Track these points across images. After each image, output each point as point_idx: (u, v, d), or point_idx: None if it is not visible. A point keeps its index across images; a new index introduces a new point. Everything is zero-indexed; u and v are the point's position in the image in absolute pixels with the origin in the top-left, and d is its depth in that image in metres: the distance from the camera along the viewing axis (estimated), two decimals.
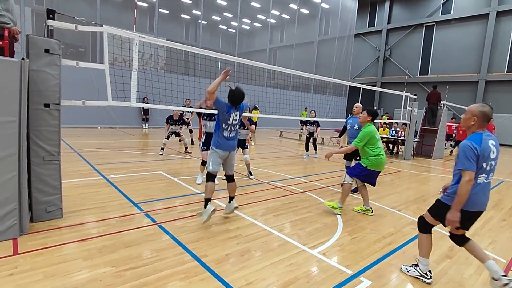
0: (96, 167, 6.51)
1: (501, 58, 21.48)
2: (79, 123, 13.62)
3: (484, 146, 2.51)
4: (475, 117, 2.57)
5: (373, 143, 4.46)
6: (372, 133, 4.44)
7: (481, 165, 2.52)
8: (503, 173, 9.56)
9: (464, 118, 2.66)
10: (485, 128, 2.62)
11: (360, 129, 5.78)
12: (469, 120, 2.61)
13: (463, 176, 2.48)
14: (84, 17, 4.50)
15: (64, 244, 3.09)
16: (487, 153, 2.52)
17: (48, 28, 3.51)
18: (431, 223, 2.88)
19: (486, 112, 2.55)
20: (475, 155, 2.48)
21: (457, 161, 2.56)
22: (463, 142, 2.57)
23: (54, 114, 3.50)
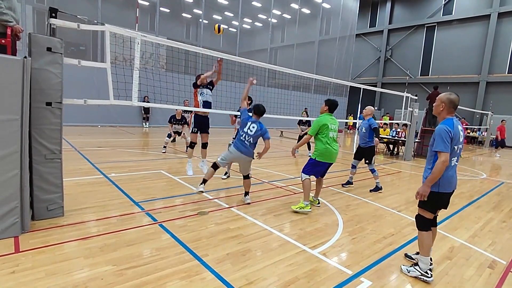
0: (97, 165, 6.52)
1: (502, 59, 21.49)
2: (79, 121, 13.64)
3: (455, 130, 2.74)
4: (443, 103, 2.83)
5: (323, 133, 4.46)
6: (322, 122, 4.48)
7: (453, 147, 2.75)
8: (503, 175, 9.57)
9: (435, 105, 2.92)
10: (453, 114, 2.87)
11: (367, 131, 6.21)
12: (439, 106, 2.88)
13: (440, 157, 2.68)
14: (85, 15, 4.51)
15: (65, 243, 3.10)
16: (457, 136, 2.76)
17: (50, 26, 3.52)
18: (427, 217, 2.95)
19: (453, 99, 2.82)
20: (449, 137, 2.70)
21: (434, 144, 2.75)
22: (439, 126, 2.77)
23: (56, 113, 3.50)
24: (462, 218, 4.92)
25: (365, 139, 6.24)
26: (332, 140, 4.48)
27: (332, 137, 4.48)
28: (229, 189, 5.60)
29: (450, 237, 4.06)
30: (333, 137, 4.51)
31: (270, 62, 23.06)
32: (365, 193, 6.04)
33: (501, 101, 21.42)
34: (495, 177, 9.02)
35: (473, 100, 22.51)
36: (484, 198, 6.36)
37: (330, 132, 4.48)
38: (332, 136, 4.48)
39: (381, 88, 26.07)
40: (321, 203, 5.10)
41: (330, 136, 4.46)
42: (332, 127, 4.50)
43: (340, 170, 8.39)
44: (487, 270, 3.22)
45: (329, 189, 6.15)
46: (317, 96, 24.29)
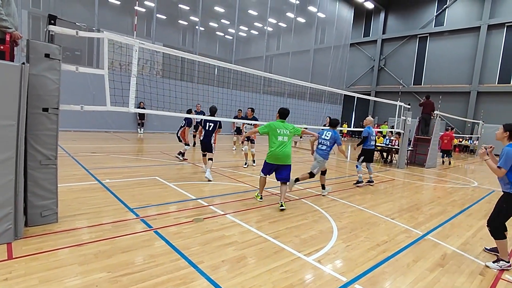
0: (91, 171, 6.48)
1: (492, 70, 22.01)
2: (74, 127, 13.54)
3: None
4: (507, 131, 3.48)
5: (271, 138, 4.96)
6: (271, 126, 4.98)
7: None
8: (494, 183, 9.72)
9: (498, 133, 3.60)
10: None
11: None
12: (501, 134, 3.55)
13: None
14: (82, 20, 4.56)
15: (59, 249, 3.08)
16: None
17: (49, 33, 3.55)
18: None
19: None
20: None
21: None
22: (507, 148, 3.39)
23: (53, 119, 3.51)
24: (454, 226, 4.99)
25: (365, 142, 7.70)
26: (280, 144, 4.86)
27: (280, 141, 4.87)
28: (224, 196, 5.61)
29: (442, 244, 4.12)
30: (282, 140, 4.88)
31: (265, 69, 23.28)
32: (359, 200, 6.10)
33: (491, 110, 21.86)
34: (486, 185, 9.17)
35: (465, 109, 22.94)
36: (476, 206, 6.46)
37: (279, 137, 4.89)
38: (280, 140, 4.87)
39: (375, 96, 26.44)
40: (317, 211, 5.14)
41: (278, 140, 4.87)
42: (281, 132, 4.90)
43: (335, 177, 8.45)
44: (479, 277, 3.27)
45: (326, 196, 6.19)
46: (312, 104, 24.53)
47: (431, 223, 5.04)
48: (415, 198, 6.74)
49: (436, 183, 8.99)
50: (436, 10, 24.93)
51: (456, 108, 22.73)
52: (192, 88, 11.93)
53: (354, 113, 30.80)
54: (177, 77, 16.19)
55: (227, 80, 18.46)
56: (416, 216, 5.33)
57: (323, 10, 25.03)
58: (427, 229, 4.68)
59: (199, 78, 16.36)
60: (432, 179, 9.72)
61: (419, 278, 3.14)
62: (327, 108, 26.25)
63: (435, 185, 8.68)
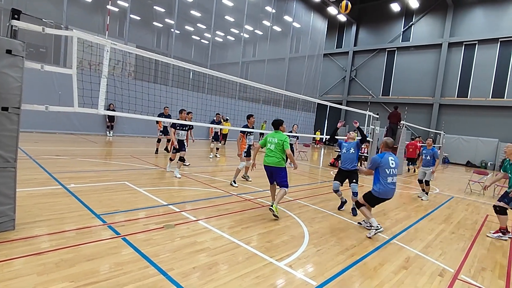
0: (54, 175, 6.12)
1: (452, 84, 23.70)
2: (36, 128, 12.75)
3: None
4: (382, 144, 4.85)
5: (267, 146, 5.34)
6: (266, 138, 5.40)
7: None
8: (453, 190, 10.40)
9: None
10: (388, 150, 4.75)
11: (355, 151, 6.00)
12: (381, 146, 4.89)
13: None
14: (48, 17, 4.35)
15: (15, 259, 2.87)
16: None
17: (12, 28, 3.35)
18: None
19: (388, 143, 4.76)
20: None
21: None
22: None
23: (13, 119, 3.29)
24: (417, 230, 5.26)
25: (354, 161, 5.98)
26: (268, 152, 5.22)
27: (268, 149, 5.24)
28: (197, 201, 5.52)
29: (406, 248, 4.32)
30: (270, 149, 5.21)
31: (241, 75, 23.40)
32: (330, 206, 6.26)
33: (452, 122, 23.46)
34: (446, 192, 9.77)
35: (428, 120, 24.41)
36: (437, 212, 6.86)
37: (268, 144, 5.28)
38: (268, 148, 5.24)
39: (346, 106, 27.39)
40: (289, 216, 5.21)
41: (268, 147, 5.26)
42: (271, 140, 5.25)
43: (308, 183, 8.61)
44: (438, 278, 3.47)
45: (297, 202, 6.29)
46: (286, 111, 24.95)
47: (397, 227, 5.28)
48: (382, 204, 6.99)
49: (401, 190, 9.44)
50: (403, 26, 26.49)
51: (420, 118, 24.13)
52: (166, 91, 11.67)
53: (327, 121, 31.70)
54: (150, 80, 15.82)
55: (203, 84, 18.32)
56: (383, 221, 5.55)
57: (298, 20, 25.72)
58: (393, 234, 4.90)
59: (173, 81, 16.09)
60: (398, 186, 10.20)
61: (384, 280, 3.27)
62: (301, 115, 26.81)
63: (401, 192, 9.11)
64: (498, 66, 21.63)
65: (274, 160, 5.11)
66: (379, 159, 4.63)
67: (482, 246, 4.77)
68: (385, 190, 4.58)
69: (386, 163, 4.59)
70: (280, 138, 5.17)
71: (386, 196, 4.66)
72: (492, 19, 22.00)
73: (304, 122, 26.37)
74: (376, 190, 4.65)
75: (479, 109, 22.30)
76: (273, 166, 5.13)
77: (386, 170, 4.57)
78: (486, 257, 4.32)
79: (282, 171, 5.17)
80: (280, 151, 5.12)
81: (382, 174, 4.59)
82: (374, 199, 4.73)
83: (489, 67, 21.96)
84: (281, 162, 5.14)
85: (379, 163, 4.61)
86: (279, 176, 5.18)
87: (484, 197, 9.42)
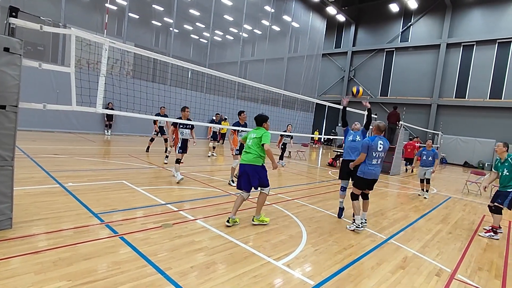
0: (52, 174, 6.10)
1: (450, 84, 23.78)
2: (34, 127, 12.69)
3: None
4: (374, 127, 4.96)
5: None
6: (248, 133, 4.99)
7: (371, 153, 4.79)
8: (450, 190, 10.44)
9: None
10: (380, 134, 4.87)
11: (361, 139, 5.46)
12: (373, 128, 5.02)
13: None
14: (47, 15, 4.33)
15: (13, 257, 2.86)
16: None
17: (9, 26, 3.33)
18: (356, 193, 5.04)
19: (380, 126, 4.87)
20: None
21: None
22: None
23: (10, 117, 3.28)
24: (415, 230, 5.28)
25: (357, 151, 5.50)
26: (247, 147, 4.73)
27: (247, 144, 4.79)
28: (195, 201, 5.52)
29: (403, 247, 4.34)
30: (248, 144, 4.76)
31: (240, 75, 23.38)
32: (328, 205, 6.27)
33: (449, 122, 23.55)
34: (444, 192, 9.81)
35: (426, 120, 24.49)
36: (434, 212, 6.89)
37: (248, 141, 4.83)
38: (247, 144, 4.79)
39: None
40: (287, 216, 5.21)
41: (247, 143, 4.80)
42: (250, 136, 4.80)
43: (306, 183, 8.63)
44: (435, 277, 3.49)
45: (295, 201, 6.30)
46: (285, 110, 24.96)
47: (394, 227, 5.29)
48: (380, 204, 7.05)
49: (399, 190, 9.47)
50: (401, 26, 26.55)
51: (418, 119, 24.21)
52: (164, 90, 11.65)
53: (325, 120, 31.75)
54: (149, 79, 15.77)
55: (201, 84, 18.29)
56: (380, 221, 5.57)
57: (297, 20, 25.73)
58: (390, 234, 4.91)
59: (172, 80, 16.06)
60: (396, 186, 10.24)
61: (381, 280, 3.28)
62: (300, 115, 26.83)
63: (398, 192, 9.15)
64: (496, 67, 21.72)
65: (249, 157, 4.53)
66: (370, 141, 4.74)
67: (479, 246, 4.79)
68: (369, 171, 4.78)
69: (375, 146, 4.73)
70: (259, 134, 4.63)
71: (370, 177, 4.82)
72: (490, 20, 22.09)
73: (302, 122, 26.40)
74: (361, 171, 4.84)
75: (477, 109, 22.39)
76: (249, 163, 4.50)
77: (373, 153, 4.73)
78: (482, 257, 4.34)
79: (259, 170, 4.50)
80: (258, 147, 4.55)
81: (368, 156, 4.77)
82: (361, 181, 4.88)
83: (487, 68, 22.05)
84: (258, 159, 4.53)
85: (370, 146, 4.73)
86: (256, 177, 4.48)
87: (481, 198, 9.46)
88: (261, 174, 4.54)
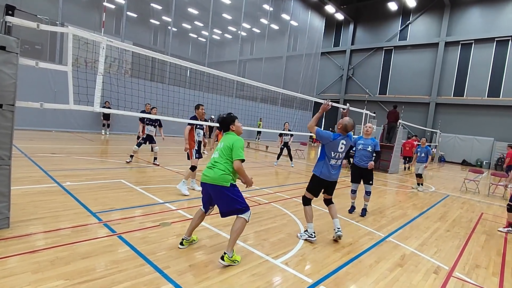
0: (50, 173, 6.08)
1: (448, 83, 23.81)
2: (32, 126, 12.65)
3: None
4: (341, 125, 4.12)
5: None
6: None
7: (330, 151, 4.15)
8: (448, 188, 10.47)
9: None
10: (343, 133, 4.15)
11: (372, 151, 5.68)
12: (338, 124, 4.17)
13: None
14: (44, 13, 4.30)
15: (10, 257, 2.85)
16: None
17: (5, 24, 3.31)
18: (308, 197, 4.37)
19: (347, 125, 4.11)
20: None
21: None
22: None
23: (7, 116, 3.26)
24: (413, 228, 5.30)
25: (370, 158, 5.71)
26: (212, 160, 3.31)
27: (213, 156, 3.35)
28: (193, 199, 5.52)
29: (401, 245, 4.35)
30: (214, 156, 3.33)
31: (239, 73, 23.32)
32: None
33: (448, 121, 23.59)
34: (442, 190, 9.84)
35: (425, 119, 24.52)
36: (432, 210, 6.91)
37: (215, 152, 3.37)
38: (213, 156, 3.35)
39: (343, 104, 27.46)
40: (286, 214, 5.21)
41: (213, 156, 3.37)
42: (219, 145, 3.37)
43: (303, 182, 8.63)
44: (433, 275, 3.50)
45: (293, 200, 6.30)
46: (284, 109, 24.94)
47: (393, 225, 5.30)
48: (379, 202, 7.07)
49: (398, 188, 9.49)
50: (400, 25, 26.54)
51: (417, 117, 24.22)
52: (163, 89, 11.61)
53: (324, 119, 31.74)
54: (147, 78, 15.73)
55: (200, 82, 18.25)
56: (379, 219, 5.58)
57: (295, 18, 25.68)
58: (389, 232, 4.92)
59: (170, 79, 16.02)
60: (395, 184, 10.26)
61: (380, 278, 3.29)
62: (298, 114, 26.82)
63: (397, 190, 9.17)
64: (494, 66, 21.75)
65: (214, 174, 3.17)
66: (331, 138, 4.08)
67: (477, 244, 4.81)
68: (326, 172, 4.13)
69: (335, 146, 4.09)
70: (228, 140, 3.29)
71: (327, 178, 4.15)
72: (488, 18, 22.10)
73: (301, 121, 26.37)
74: (318, 170, 4.19)
75: (475, 108, 22.43)
76: (212, 183, 3.17)
77: (332, 152, 4.10)
78: (480, 254, 4.36)
79: (228, 192, 3.17)
80: (227, 162, 3.21)
81: (327, 155, 4.13)
82: (317, 182, 4.20)
83: (485, 66, 22.08)
84: (225, 177, 3.16)
85: (328, 142, 4.09)
86: (222, 201, 3.21)
87: (479, 196, 9.49)
88: (231, 198, 3.18)
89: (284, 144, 11.42)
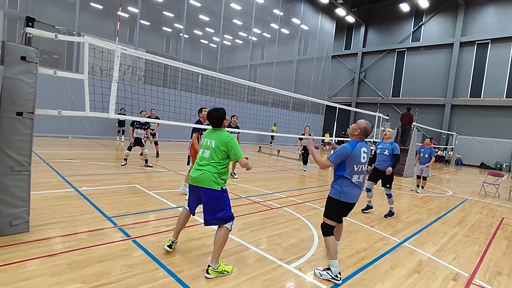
0: (67, 178, 6.25)
1: (464, 84, 23.21)
2: (50, 132, 13.05)
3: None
4: (359, 129, 3.33)
5: None
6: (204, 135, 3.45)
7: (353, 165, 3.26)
8: (466, 192, 10.15)
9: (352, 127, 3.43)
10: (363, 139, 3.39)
11: (390, 155, 5.97)
12: (355, 130, 3.37)
13: None
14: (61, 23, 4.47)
15: (29, 260, 2.93)
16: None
17: (26, 35, 3.45)
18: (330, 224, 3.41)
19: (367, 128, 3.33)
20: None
21: None
22: None
23: (27, 123, 3.38)
24: (430, 233, 5.15)
25: (387, 162, 6.04)
26: (201, 160, 3.10)
27: (200, 156, 3.15)
28: None
29: (418, 251, 4.24)
30: (202, 156, 3.12)
31: (250, 78, 23.46)
32: None
33: (464, 123, 22.96)
34: (460, 194, 9.55)
35: (440, 121, 23.94)
36: (450, 214, 6.71)
37: (201, 150, 3.17)
38: (201, 155, 3.13)
39: (355, 107, 27.17)
40: (298, 219, 5.17)
41: (200, 154, 3.16)
42: (205, 144, 3.16)
43: (316, 186, 8.56)
44: (451, 282, 3.38)
45: (306, 204, 6.25)
46: (295, 113, 24.88)
47: (408, 230, 5.18)
48: (394, 206, 6.90)
49: (413, 192, 9.27)
50: (412, 26, 26.15)
51: (432, 120, 23.69)
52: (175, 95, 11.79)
53: (336, 123, 31.45)
54: (160, 84, 16.01)
55: (211, 88, 18.45)
56: (394, 224, 5.46)
57: (306, 22, 25.69)
58: (404, 237, 4.81)
59: (182, 85, 16.25)
60: (410, 188, 10.02)
61: (396, 284, 3.21)
62: (310, 117, 26.70)
63: (412, 194, 8.95)
64: None
65: (205, 177, 2.98)
66: (350, 149, 3.20)
67: (498, 250, 4.63)
68: (349, 191, 3.25)
69: (357, 156, 3.23)
70: (221, 140, 3.07)
71: (351, 200, 3.30)
72: (504, 17, 21.50)
73: (312, 124, 26.21)
74: (336, 192, 3.28)
75: (493, 109, 21.76)
76: (201, 186, 3.01)
77: (355, 166, 3.23)
78: (502, 261, 4.19)
79: (216, 197, 3.01)
80: (219, 163, 3.04)
81: (348, 170, 3.23)
82: (339, 206, 3.31)
83: (502, 66, 21.44)
84: (215, 179, 3.00)
85: (348, 155, 3.19)
86: (209, 206, 3.05)
87: (500, 200, 9.17)
88: (219, 203, 3.03)
89: (304, 148, 11.51)
